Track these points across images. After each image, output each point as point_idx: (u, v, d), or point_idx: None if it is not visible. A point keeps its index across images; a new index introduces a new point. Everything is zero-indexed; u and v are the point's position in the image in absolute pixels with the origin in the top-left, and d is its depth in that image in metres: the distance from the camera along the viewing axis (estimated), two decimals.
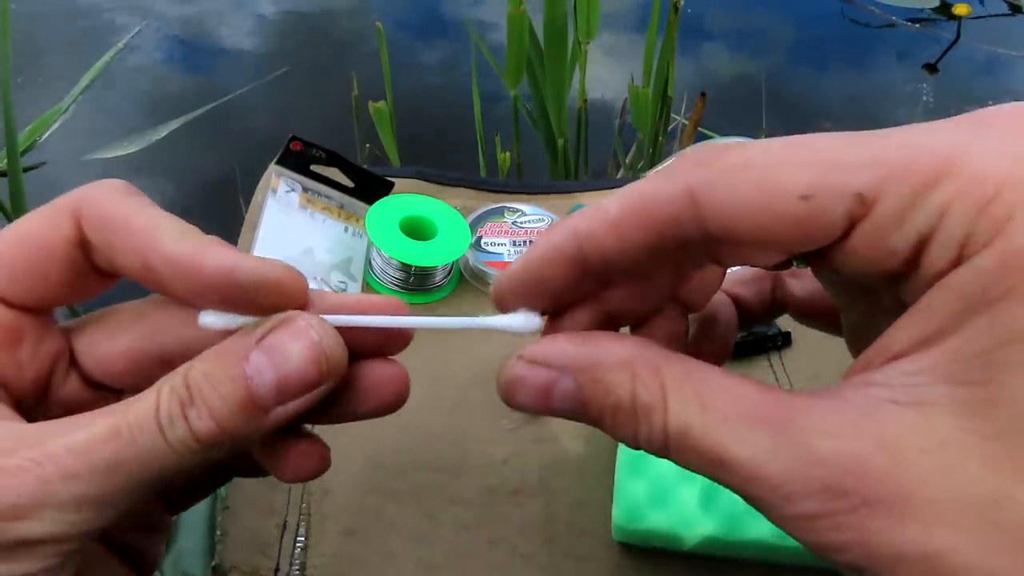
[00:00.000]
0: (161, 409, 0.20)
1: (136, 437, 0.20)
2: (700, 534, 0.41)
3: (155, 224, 0.22)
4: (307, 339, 0.21)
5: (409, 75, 1.77)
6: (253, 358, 0.21)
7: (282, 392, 0.21)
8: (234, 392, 0.21)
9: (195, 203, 1.49)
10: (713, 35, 1.97)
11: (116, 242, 0.22)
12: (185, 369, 0.21)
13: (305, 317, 0.22)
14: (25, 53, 1.70)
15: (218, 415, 0.21)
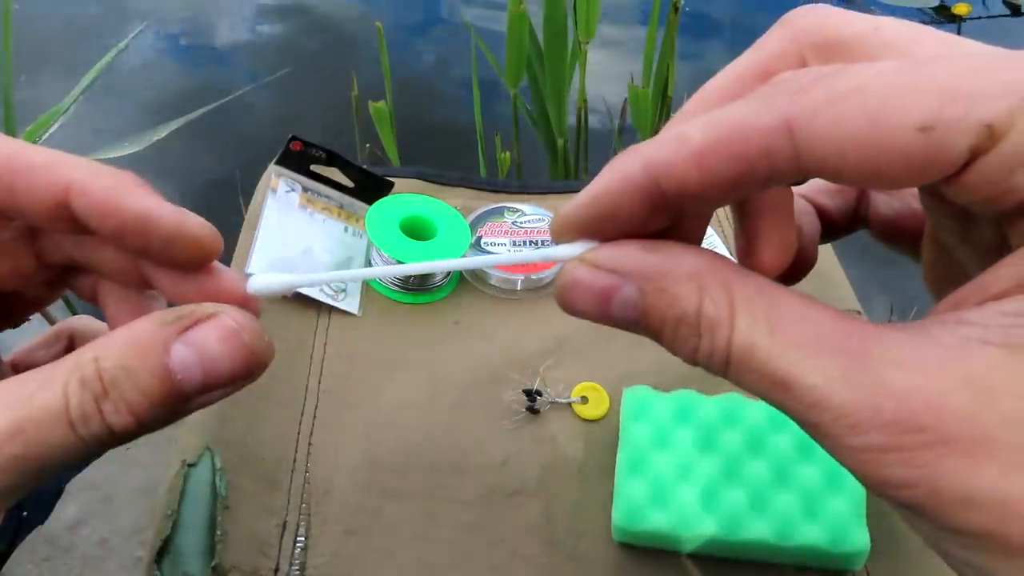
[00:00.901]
0: (71, 405, 0.19)
1: (43, 434, 0.19)
2: (700, 534, 0.41)
3: (67, 159, 0.21)
4: (237, 341, 0.21)
5: (409, 75, 1.77)
6: (178, 352, 0.20)
7: (207, 386, 0.20)
8: (157, 387, 0.20)
9: (195, 203, 1.49)
10: (713, 35, 1.97)
11: (23, 178, 0.21)
12: (92, 358, 0.20)
13: (232, 313, 0.21)
14: (26, 53, 1.70)
15: (137, 410, 0.20)
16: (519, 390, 0.49)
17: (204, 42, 1.89)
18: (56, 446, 0.19)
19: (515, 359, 0.51)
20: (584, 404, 0.49)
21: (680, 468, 0.43)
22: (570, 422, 0.48)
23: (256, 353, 0.21)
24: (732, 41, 1.96)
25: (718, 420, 0.45)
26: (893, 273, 1.40)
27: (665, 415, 0.45)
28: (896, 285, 1.38)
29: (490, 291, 0.56)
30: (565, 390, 0.50)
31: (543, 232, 0.58)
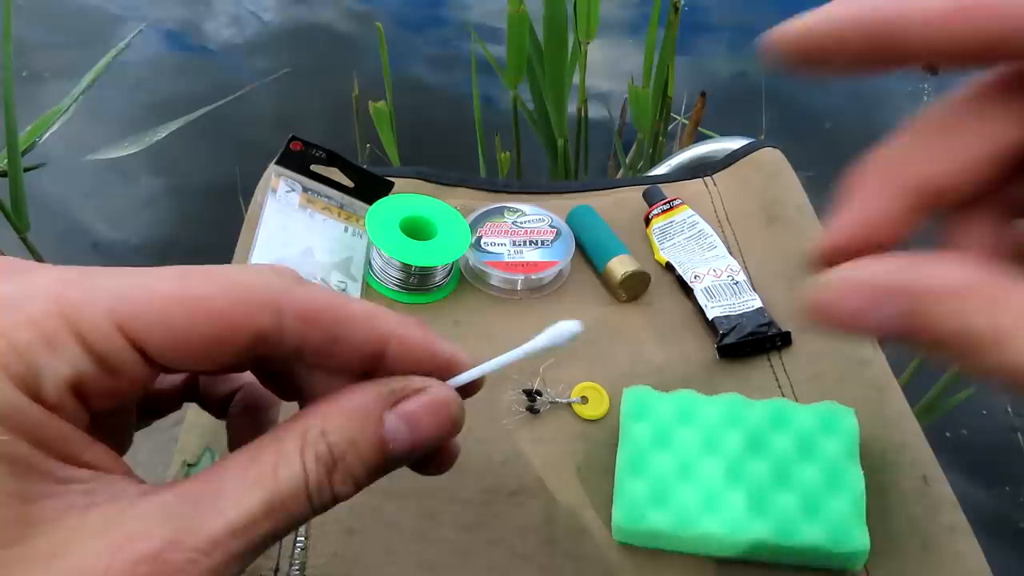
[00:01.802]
0: (311, 481, 0.21)
1: (289, 510, 0.20)
2: (700, 534, 0.41)
3: (375, 309, 0.23)
4: (445, 413, 0.23)
5: (409, 75, 1.77)
6: (390, 423, 0.22)
7: (413, 455, 0.22)
8: (374, 456, 0.22)
9: (195, 203, 1.49)
10: (713, 35, 1.97)
11: (345, 330, 0.22)
12: (320, 432, 0.21)
13: (442, 388, 0.23)
14: (26, 53, 1.70)
15: (358, 479, 0.22)
16: (519, 390, 0.49)
17: (204, 42, 1.89)
18: (295, 518, 0.21)
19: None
20: (584, 404, 0.49)
21: (680, 468, 0.43)
22: (570, 422, 0.48)
23: (458, 423, 0.23)
24: (732, 41, 1.96)
25: (719, 420, 0.45)
26: None
27: (665, 415, 0.45)
28: None
29: (490, 291, 0.56)
30: (565, 390, 0.50)
31: (543, 232, 0.58)
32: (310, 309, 0.22)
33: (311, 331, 0.22)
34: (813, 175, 0.92)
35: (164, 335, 0.20)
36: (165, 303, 0.20)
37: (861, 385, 0.49)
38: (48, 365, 0.19)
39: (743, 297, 0.54)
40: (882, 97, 1.79)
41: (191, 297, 0.21)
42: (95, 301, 0.20)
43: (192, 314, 0.20)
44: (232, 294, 0.21)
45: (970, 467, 1.16)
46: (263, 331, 0.21)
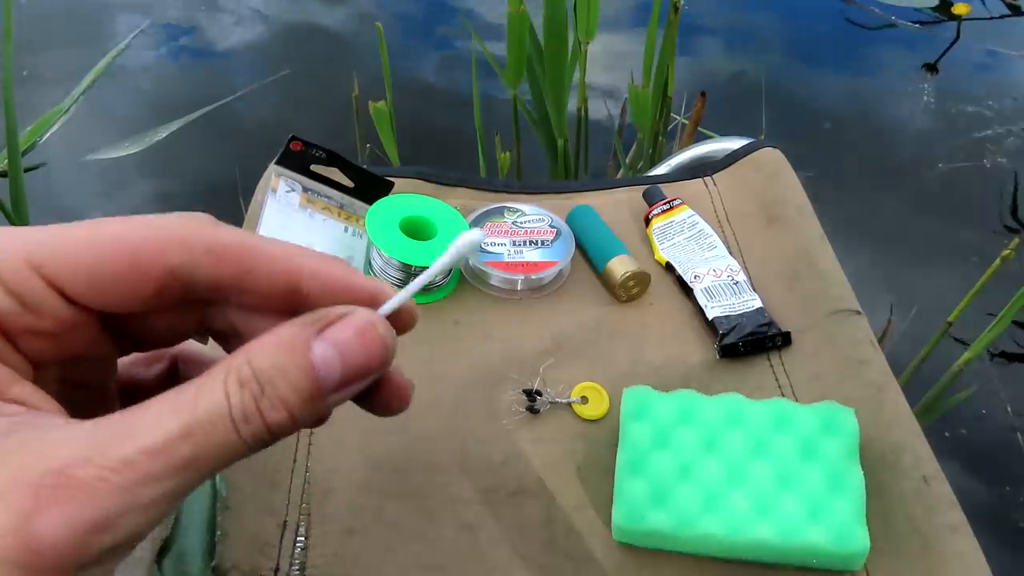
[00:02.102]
0: (233, 405, 0.21)
1: (210, 435, 0.20)
2: (700, 534, 0.41)
3: (287, 245, 0.24)
4: (371, 332, 0.22)
5: (409, 75, 1.77)
6: (318, 349, 0.21)
7: (345, 380, 0.22)
8: (304, 383, 0.21)
9: (195, 203, 1.49)
10: (713, 35, 1.97)
11: (257, 264, 0.23)
12: (247, 361, 0.21)
13: (365, 311, 0.23)
14: (27, 53, 1.70)
15: (290, 405, 0.21)
16: (519, 390, 0.49)
17: (204, 42, 1.89)
18: (221, 446, 0.20)
19: (515, 359, 0.51)
20: (584, 404, 0.49)
21: (681, 468, 0.43)
22: (570, 422, 0.48)
23: (388, 345, 0.23)
24: (732, 41, 1.96)
25: (719, 420, 0.45)
26: (893, 273, 1.40)
27: (665, 415, 0.45)
28: (896, 285, 1.38)
29: (490, 291, 0.56)
30: (565, 390, 0.50)
31: (543, 232, 0.58)
32: (220, 244, 0.23)
33: (223, 265, 0.23)
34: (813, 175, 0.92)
35: (76, 270, 0.22)
36: (77, 242, 0.22)
37: (861, 385, 0.49)
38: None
39: (743, 297, 0.54)
40: (882, 97, 1.79)
41: (102, 235, 0.22)
42: (13, 247, 0.21)
43: (102, 250, 0.22)
44: (142, 232, 0.22)
45: (970, 467, 1.16)
46: (174, 265, 0.22)
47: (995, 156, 1.65)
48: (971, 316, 1.01)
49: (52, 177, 1.51)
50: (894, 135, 1.70)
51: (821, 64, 1.91)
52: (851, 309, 0.53)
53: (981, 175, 1.61)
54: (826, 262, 0.56)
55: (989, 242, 1.43)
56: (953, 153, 1.65)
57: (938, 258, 1.45)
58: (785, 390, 0.50)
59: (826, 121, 1.72)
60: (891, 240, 1.47)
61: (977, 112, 1.74)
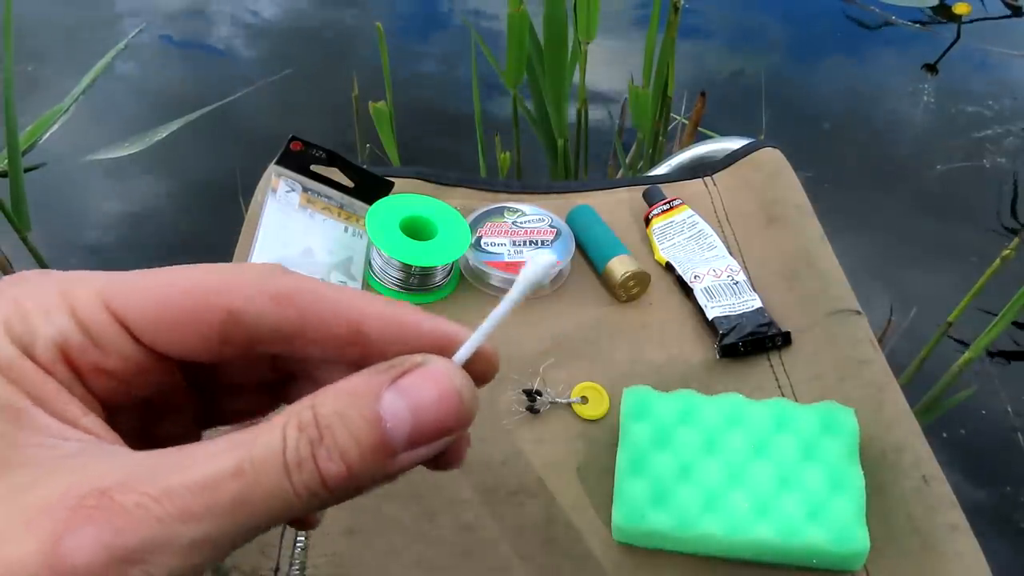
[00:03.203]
0: (288, 448, 0.19)
1: (260, 477, 0.19)
2: (700, 534, 0.41)
3: (353, 292, 0.23)
4: (447, 385, 0.21)
5: (409, 75, 1.77)
6: (387, 399, 0.20)
7: (415, 438, 0.20)
8: (368, 434, 0.20)
9: (195, 203, 1.49)
10: (713, 35, 1.97)
11: (319, 307, 0.22)
12: (311, 405, 0.20)
13: (443, 361, 0.21)
14: (27, 53, 1.70)
15: (349, 458, 0.19)
16: (519, 390, 0.49)
17: (204, 42, 1.89)
18: (271, 493, 0.19)
19: (515, 359, 0.51)
20: (584, 404, 0.49)
21: (681, 468, 0.43)
22: (570, 422, 0.48)
23: (465, 402, 0.21)
24: (732, 41, 1.96)
25: (720, 421, 0.45)
26: (892, 273, 1.40)
27: (665, 415, 0.45)
28: (896, 285, 1.38)
29: (490, 291, 0.56)
30: (565, 390, 0.50)
31: (543, 232, 0.58)
32: (281, 288, 0.22)
33: (284, 309, 0.22)
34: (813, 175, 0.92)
35: (143, 309, 0.22)
36: (145, 282, 0.22)
37: (861, 385, 0.49)
38: (41, 328, 0.21)
39: (743, 297, 0.54)
40: (881, 97, 1.79)
41: (168, 277, 0.22)
42: (89, 284, 0.22)
43: (167, 290, 0.22)
44: (207, 275, 0.22)
45: (970, 467, 1.16)
46: (235, 308, 0.22)
47: (994, 156, 1.65)
48: (971, 316, 1.01)
49: (52, 177, 1.51)
50: (894, 135, 1.70)
51: (821, 64, 1.91)
52: (851, 309, 0.53)
53: (981, 175, 1.61)
54: (826, 262, 0.56)
55: (988, 242, 1.43)
56: (953, 153, 1.65)
57: (938, 258, 1.45)
58: (785, 390, 0.50)
59: (826, 121, 1.72)
60: (891, 240, 1.47)
61: (977, 112, 1.75)
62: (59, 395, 0.20)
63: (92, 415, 0.21)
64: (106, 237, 1.43)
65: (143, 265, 0.24)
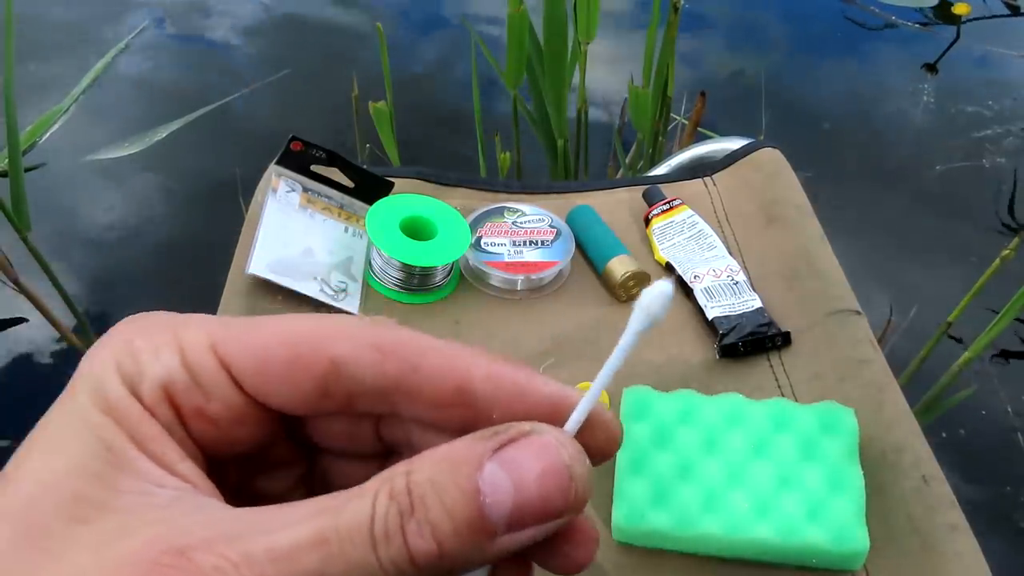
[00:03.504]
0: (377, 518, 0.18)
1: (345, 549, 0.17)
2: (700, 534, 0.41)
3: (462, 347, 0.21)
4: (555, 459, 0.19)
5: (409, 76, 1.77)
6: (488, 470, 0.18)
7: (517, 518, 0.18)
8: (463, 508, 0.18)
9: (195, 203, 1.49)
10: (713, 35, 1.97)
11: (424, 360, 0.21)
12: (406, 472, 0.18)
13: (553, 432, 0.19)
14: (27, 53, 1.70)
15: (440, 534, 0.18)
16: None
17: (204, 42, 1.89)
18: (354, 565, 0.17)
19: (515, 359, 0.51)
20: None
21: (680, 468, 0.43)
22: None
23: (575, 479, 0.19)
24: (731, 41, 1.96)
25: (720, 421, 0.45)
26: (892, 273, 1.40)
27: (665, 415, 0.45)
28: (895, 285, 1.38)
29: (490, 291, 0.56)
30: None
31: (543, 232, 0.58)
32: (385, 339, 0.21)
33: (387, 362, 0.21)
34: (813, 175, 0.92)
35: (249, 356, 0.21)
36: (252, 330, 0.21)
37: (861, 385, 0.49)
38: (149, 367, 0.20)
39: (743, 297, 0.54)
40: (881, 97, 1.79)
41: (272, 325, 0.22)
42: (200, 327, 0.21)
43: (269, 338, 0.21)
44: (313, 325, 0.22)
45: (970, 467, 1.16)
46: (335, 356, 0.21)
47: (994, 156, 1.65)
48: (971, 316, 1.01)
49: (52, 177, 1.51)
50: (894, 135, 1.70)
51: (821, 64, 1.91)
52: (851, 309, 0.53)
53: (980, 175, 1.61)
54: (826, 262, 0.56)
55: (988, 242, 1.43)
56: (952, 153, 1.65)
57: (937, 258, 1.45)
58: (785, 390, 0.50)
59: (826, 121, 1.72)
60: (891, 240, 1.47)
61: (976, 112, 1.75)
62: (160, 438, 0.20)
63: (189, 461, 0.20)
64: (106, 237, 1.43)
65: (142, 263, 0.24)
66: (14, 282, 1.07)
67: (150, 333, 0.21)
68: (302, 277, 0.53)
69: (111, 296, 1.34)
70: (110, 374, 0.20)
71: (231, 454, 0.22)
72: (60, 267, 1.12)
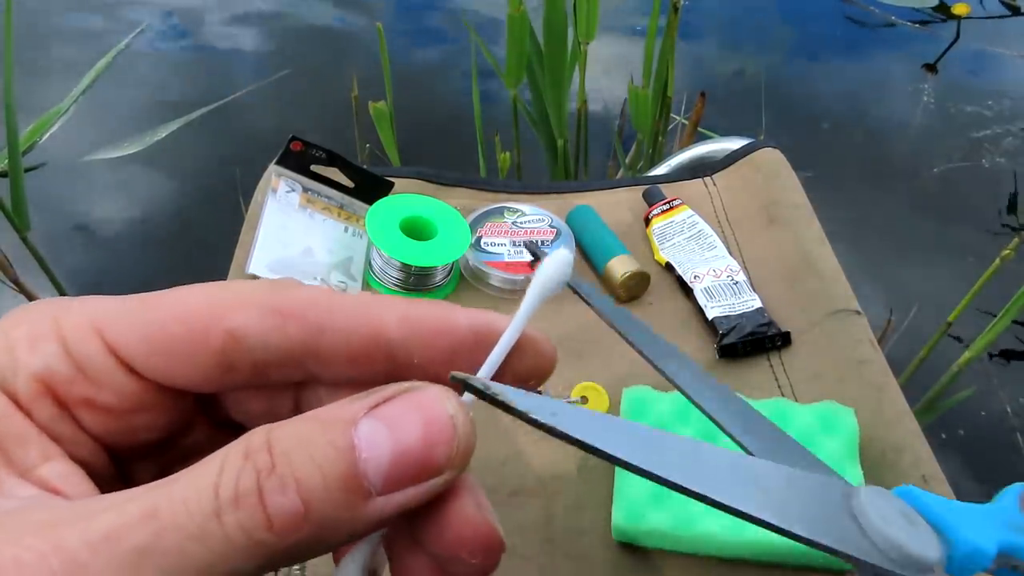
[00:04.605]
0: (224, 482, 0.15)
1: (179, 520, 0.15)
2: (700, 534, 0.41)
3: (372, 297, 0.20)
4: (438, 410, 0.17)
5: (409, 75, 1.77)
6: (364, 427, 0.17)
7: (395, 474, 0.17)
8: (335, 463, 0.16)
9: (195, 203, 1.49)
10: (713, 35, 1.97)
11: (330, 318, 0.19)
12: (266, 429, 0.17)
13: (435, 387, 0.18)
14: (27, 53, 1.70)
15: (308, 489, 0.16)
16: None
17: (204, 42, 1.89)
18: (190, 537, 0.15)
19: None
20: (584, 404, 0.49)
21: None
22: None
23: (458, 430, 0.17)
24: (731, 41, 1.96)
25: None
26: (892, 273, 1.40)
27: (665, 415, 0.45)
28: (895, 285, 1.38)
29: (490, 291, 0.56)
30: (565, 390, 0.50)
31: (543, 232, 0.58)
32: (283, 302, 0.19)
33: (288, 325, 0.19)
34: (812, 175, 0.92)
35: (135, 337, 0.19)
36: (137, 308, 0.20)
37: (861, 385, 0.49)
38: (25, 360, 0.19)
39: (743, 297, 0.54)
40: (880, 97, 1.79)
41: (162, 300, 0.20)
42: (82, 310, 0.20)
43: (159, 314, 0.19)
44: (204, 296, 0.20)
45: (970, 467, 1.16)
46: (233, 327, 0.19)
47: (993, 156, 1.65)
48: (971, 316, 1.01)
49: (52, 177, 1.51)
50: (893, 135, 1.70)
51: (821, 64, 1.91)
52: (851, 309, 0.53)
53: (980, 175, 1.61)
54: (826, 262, 0.56)
55: (988, 242, 1.44)
56: (952, 153, 1.65)
57: (937, 258, 1.45)
58: (785, 390, 0.50)
59: (825, 121, 1.72)
60: (890, 240, 1.47)
61: (976, 112, 1.75)
62: (26, 438, 0.18)
63: (57, 460, 0.19)
64: (106, 237, 1.43)
65: (142, 263, 0.23)
66: (14, 282, 1.07)
67: (31, 322, 0.19)
68: (302, 277, 0.53)
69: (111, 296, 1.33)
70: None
71: (143, 443, 0.20)
72: (60, 267, 1.12)
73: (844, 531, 0.19)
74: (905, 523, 0.19)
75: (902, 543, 0.19)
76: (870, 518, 0.19)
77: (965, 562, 0.21)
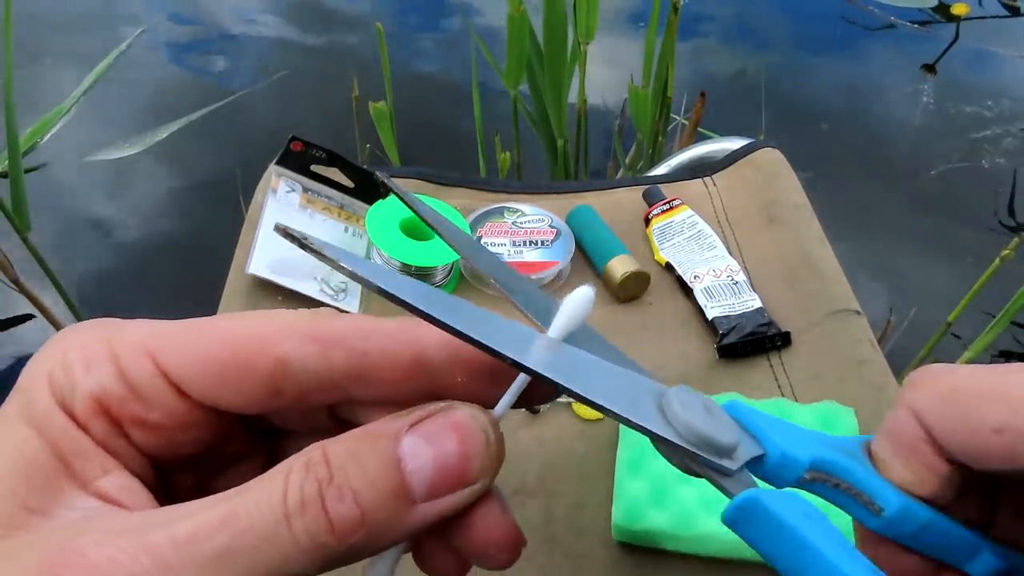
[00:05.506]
0: (291, 490, 0.17)
1: (255, 524, 0.17)
2: (700, 534, 0.41)
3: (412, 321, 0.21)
4: (471, 425, 0.20)
5: (409, 76, 1.77)
6: (407, 442, 0.19)
7: (437, 483, 0.19)
8: (385, 476, 0.18)
9: (195, 203, 1.49)
10: (713, 35, 1.97)
11: (372, 345, 0.21)
12: (321, 445, 0.18)
13: (466, 406, 0.20)
14: (27, 53, 1.70)
15: (363, 500, 0.18)
16: None
17: (205, 43, 1.89)
18: (266, 540, 0.17)
19: None
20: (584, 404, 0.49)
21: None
22: (570, 422, 0.48)
23: (491, 447, 0.20)
24: (731, 41, 1.96)
25: None
26: (892, 273, 1.40)
27: None
28: (895, 285, 1.38)
29: (491, 291, 0.56)
30: None
31: (543, 232, 0.58)
32: (326, 332, 0.21)
33: (332, 352, 0.20)
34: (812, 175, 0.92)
35: (188, 362, 0.20)
36: (190, 334, 0.21)
37: (861, 385, 0.49)
38: (81, 380, 0.20)
39: (743, 297, 0.54)
40: (880, 97, 1.79)
41: (212, 327, 0.21)
42: (135, 332, 0.21)
43: (210, 341, 0.20)
44: (253, 325, 0.21)
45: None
46: (281, 355, 0.20)
47: (993, 156, 1.65)
48: (971, 316, 1.01)
49: (52, 177, 1.51)
50: (893, 135, 1.70)
51: (821, 64, 1.91)
52: (851, 309, 0.53)
53: (979, 175, 1.61)
54: (825, 262, 0.56)
55: (987, 242, 1.44)
56: (951, 153, 1.65)
57: (937, 258, 1.45)
58: (785, 390, 0.50)
59: (825, 121, 1.73)
60: (890, 240, 1.47)
61: (975, 112, 1.75)
62: (86, 452, 0.20)
63: (116, 473, 0.20)
64: (106, 237, 1.43)
65: (142, 263, 0.23)
66: (14, 282, 1.07)
67: (84, 344, 0.20)
68: (302, 277, 0.53)
69: (111, 296, 1.34)
70: (41, 388, 0.20)
71: (186, 456, 0.22)
72: (60, 267, 1.12)
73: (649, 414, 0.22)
74: (704, 412, 0.22)
75: (697, 426, 0.22)
76: (673, 407, 0.22)
77: (778, 468, 0.23)
